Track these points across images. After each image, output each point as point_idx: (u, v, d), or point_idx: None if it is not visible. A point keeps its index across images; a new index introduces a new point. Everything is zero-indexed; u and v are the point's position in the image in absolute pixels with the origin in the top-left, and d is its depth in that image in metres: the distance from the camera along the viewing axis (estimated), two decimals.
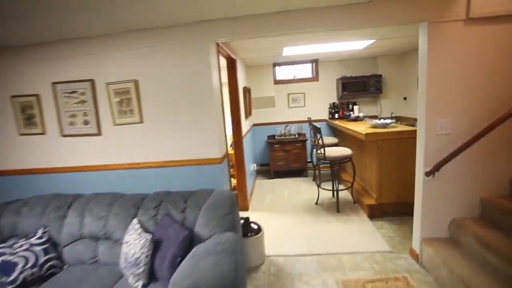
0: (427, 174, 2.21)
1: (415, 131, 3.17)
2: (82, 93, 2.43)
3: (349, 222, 3.36)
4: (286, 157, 5.24)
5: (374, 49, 4.40)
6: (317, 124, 3.81)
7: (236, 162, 3.83)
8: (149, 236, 1.83)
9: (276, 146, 5.21)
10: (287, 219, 3.55)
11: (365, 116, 4.70)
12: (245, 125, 4.34)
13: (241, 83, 4.15)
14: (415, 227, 2.52)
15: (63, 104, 2.47)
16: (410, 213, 3.43)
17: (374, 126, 3.54)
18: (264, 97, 5.40)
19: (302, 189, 4.62)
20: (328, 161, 3.61)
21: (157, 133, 2.46)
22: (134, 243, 1.81)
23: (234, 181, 4.06)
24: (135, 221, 2.06)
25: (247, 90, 4.62)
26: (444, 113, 2.20)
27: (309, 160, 5.46)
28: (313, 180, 5.04)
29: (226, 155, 2.68)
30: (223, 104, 2.68)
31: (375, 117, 5.31)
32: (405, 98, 5.09)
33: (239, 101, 3.72)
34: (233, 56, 3.52)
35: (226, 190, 2.25)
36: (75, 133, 2.52)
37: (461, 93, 2.16)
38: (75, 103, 2.46)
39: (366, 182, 3.79)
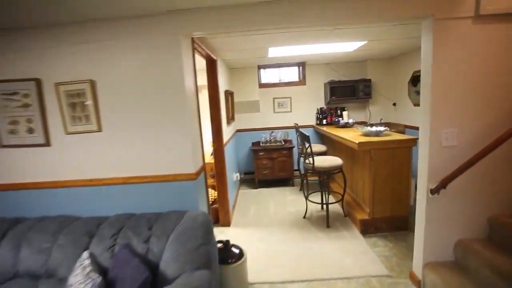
0: (433, 191, 1.94)
1: (411, 140, 2.95)
2: (25, 95, 2.00)
3: (341, 239, 3.06)
4: (272, 165, 4.92)
5: (363, 52, 4.18)
6: (304, 131, 3.52)
7: (217, 173, 3.46)
8: (98, 280, 1.44)
9: (261, 153, 4.88)
10: (273, 237, 3.21)
11: (354, 123, 4.46)
12: (227, 131, 3.99)
13: (223, 86, 3.80)
14: (416, 249, 2.24)
15: (1, 108, 2.03)
16: (405, 228, 3.20)
17: (366, 134, 3.29)
18: (248, 101, 5.07)
19: (289, 201, 4.31)
20: (317, 172, 3.31)
21: (119, 144, 2.06)
22: None
23: (214, 193, 3.68)
24: (85, 254, 1.65)
25: (229, 94, 4.27)
26: (451, 122, 1.94)
27: (295, 168, 5.16)
28: (300, 190, 4.74)
29: (203, 168, 2.32)
30: (199, 110, 2.32)
31: (363, 123, 5.11)
32: (394, 104, 4.91)
33: (220, 106, 3.37)
34: (214, 57, 3.17)
35: (201, 213, 1.88)
36: (17, 143, 2.08)
37: (469, 99, 1.91)
38: (17, 107, 2.02)
39: (357, 194, 3.52)
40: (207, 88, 3.32)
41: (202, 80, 3.68)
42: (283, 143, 5.03)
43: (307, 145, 3.29)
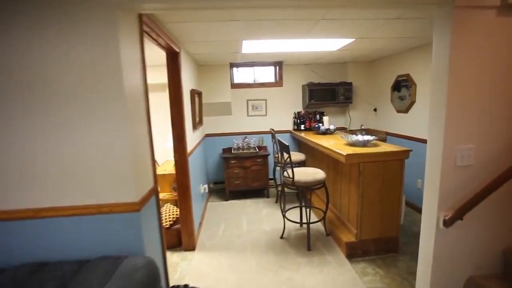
0: (447, 223, 1.55)
1: (404, 152, 2.59)
2: None
3: (324, 265, 2.63)
4: (245, 174, 4.41)
5: (345, 54, 3.83)
6: (281, 137, 3.07)
7: (179, 188, 2.87)
8: None
9: (233, 162, 4.34)
10: (245, 264, 2.70)
11: (336, 129, 4.10)
12: (194, 137, 3.41)
13: (188, 85, 3.22)
14: None
15: None
16: (394, 250, 2.86)
17: (352, 144, 2.90)
18: (219, 103, 4.52)
19: (264, 215, 3.82)
20: (296, 188, 2.86)
21: (26, 159, 1.43)
22: None
23: (176, 211, 3.09)
24: None
25: (196, 94, 3.70)
26: (468, 137, 1.57)
27: (271, 177, 4.70)
28: (276, 202, 4.28)
29: (153, 192, 1.74)
30: (149, 115, 1.75)
31: (343, 129, 4.79)
32: (375, 110, 4.65)
33: (184, 108, 2.79)
34: (176, 48, 2.60)
35: (144, 263, 1.32)
36: None
37: (491, 108, 1.55)
38: None
39: (341, 211, 3.12)
40: (168, 86, 2.73)
41: (161, 77, 3.11)
42: (257, 150, 4.55)
43: (286, 156, 2.83)
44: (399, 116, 3.97)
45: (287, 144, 2.73)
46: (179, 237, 3.02)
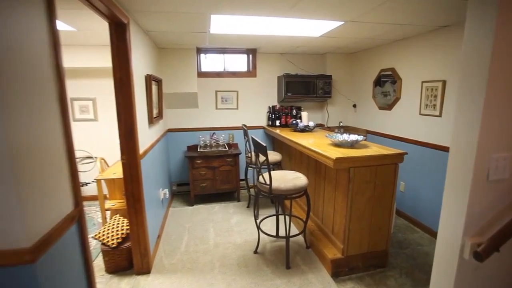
0: (480, 255, 1.18)
1: (398, 155, 2.25)
2: None
3: (307, 287, 2.23)
4: (212, 176, 3.88)
5: (327, 42, 3.44)
6: (254, 135, 2.61)
7: (128, 198, 2.27)
8: None
9: (199, 161, 3.79)
10: None
11: (316, 126, 3.72)
12: (150, 134, 2.80)
13: (142, 68, 2.59)
14: None
15: None
16: (382, 264, 2.55)
17: (338, 144, 2.51)
18: (183, 93, 3.90)
19: (235, 224, 3.33)
20: (274, 197, 2.41)
21: None
22: None
23: (127, 225, 2.49)
24: None
25: (154, 81, 3.06)
26: (504, 143, 1.21)
27: (242, 177, 4.22)
28: (248, 206, 3.82)
29: (70, 223, 1.16)
30: (64, 104, 1.16)
31: (321, 125, 4.44)
32: (354, 106, 4.35)
33: (134, 97, 2.18)
34: (122, 18, 1.98)
35: None
36: None
37: None
38: None
39: (325, 222, 2.74)
40: (112, 69, 2.10)
41: (103, 59, 2.43)
42: (227, 148, 4.03)
43: (263, 159, 2.36)
44: (381, 113, 3.70)
45: (265, 144, 2.25)
46: (130, 258, 2.43)
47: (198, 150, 3.91)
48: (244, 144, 3.72)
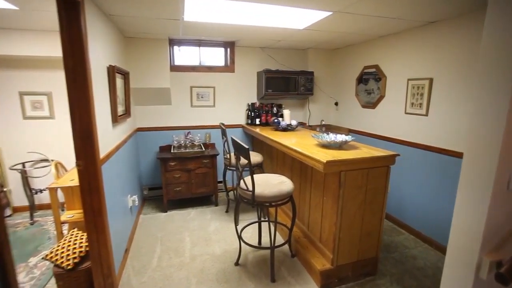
0: (502, 279, 1.02)
1: (390, 157, 2.11)
2: None
3: None
4: (188, 179, 3.56)
5: (310, 36, 3.25)
6: (232, 135, 2.35)
7: (86, 212, 1.92)
8: None
9: (172, 163, 3.45)
10: None
11: (299, 124, 3.53)
12: (114, 135, 2.44)
13: (103, 58, 2.23)
14: None
15: None
16: (372, 272, 2.42)
17: (326, 145, 2.33)
18: (154, 88, 3.53)
19: (213, 232, 3.06)
20: (257, 205, 2.17)
21: None
22: None
23: (84, 242, 2.12)
24: None
25: (119, 74, 2.69)
26: None
27: (220, 179, 3.95)
28: (227, 211, 3.55)
29: None
30: None
31: (302, 124, 4.27)
32: (336, 104, 4.23)
33: (92, 92, 1.83)
34: None
35: None
36: None
37: None
38: None
39: (311, 228, 2.55)
40: (63, 57, 1.73)
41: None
42: (203, 148, 3.73)
43: (244, 162, 2.11)
44: (365, 111, 3.59)
45: (247, 146, 2.00)
46: (90, 279, 2.08)
47: (172, 151, 3.57)
48: (222, 144, 3.44)
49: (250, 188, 2.12)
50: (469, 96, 2.33)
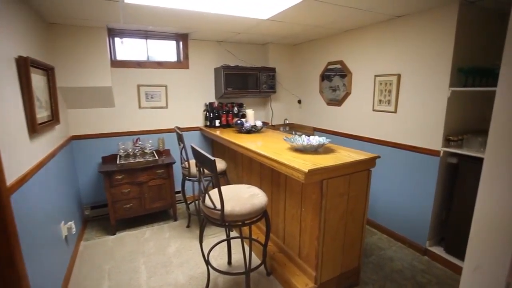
0: None
1: (371, 160, 1.94)
2: None
3: None
4: (140, 193, 3.05)
5: (272, 28, 2.99)
6: (190, 138, 1.97)
7: None
8: None
9: (119, 177, 2.91)
10: None
11: (264, 125, 3.25)
12: (34, 149, 1.86)
13: (7, 48, 1.65)
14: None
15: None
16: (355, 283, 2.25)
17: (301, 150, 2.08)
18: (91, 88, 2.93)
19: (173, 255, 2.62)
20: (228, 225, 1.83)
21: None
22: None
23: None
24: None
25: (37, 68, 2.10)
26: None
27: (177, 190, 3.50)
28: (188, 226, 3.13)
29: None
30: None
31: (265, 124, 4.02)
32: (299, 101, 4.06)
33: None
34: None
35: None
36: None
37: None
38: None
39: (288, 243, 2.29)
40: None
41: None
42: (156, 156, 3.23)
43: (207, 175, 1.74)
44: (330, 109, 3.46)
45: (213, 158, 1.64)
46: None
47: (118, 161, 3.02)
48: (179, 150, 3.01)
49: (218, 205, 1.76)
50: (437, 92, 2.28)
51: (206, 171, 1.80)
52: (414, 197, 2.57)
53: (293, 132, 3.95)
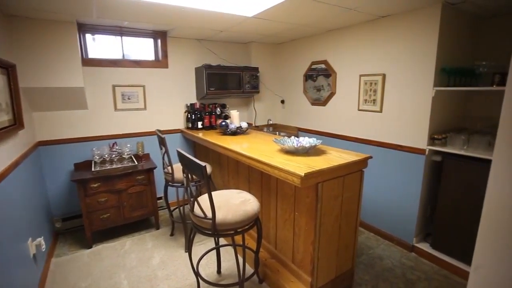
0: None
1: (363, 160, 1.92)
2: None
3: None
4: (118, 202, 2.84)
5: (257, 26, 2.91)
6: (171, 141, 1.83)
7: None
8: None
9: (95, 185, 2.68)
10: None
11: (249, 127, 3.15)
12: None
13: None
14: None
15: None
16: (349, 285, 2.22)
17: (292, 152, 2.02)
18: (60, 88, 2.67)
19: (158, 266, 2.45)
20: (221, 234, 1.72)
21: None
22: None
23: None
24: None
25: None
26: None
27: (159, 196, 3.32)
28: (172, 235, 2.96)
29: None
30: None
31: (249, 125, 3.92)
32: (282, 101, 4.01)
33: None
34: None
35: None
36: None
37: None
38: None
39: (280, 248, 2.22)
40: None
41: None
42: (135, 161, 3.03)
43: (194, 184, 1.63)
44: (314, 109, 3.44)
45: (203, 164, 1.52)
46: None
47: (93, 168, 2.78)
48: (160, 155, 2.83)
49: (208, 214, 1.65)
50: (421, 92, 2.32)
51: (209, 192, 1.68)
52: (400, 195, 2.60)
53: (277, 132, 3.90)
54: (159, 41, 3.32)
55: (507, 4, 2.06)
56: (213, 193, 1.89)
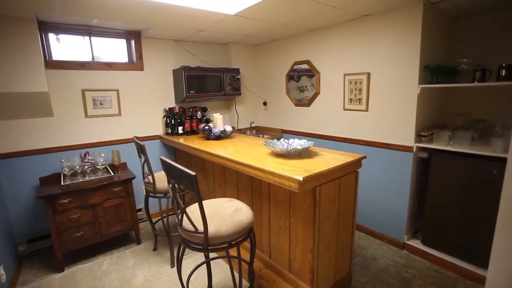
0: None
1: (358, 161, 1.86)
2: None
3: None
4: (93, 218, 2.58)
5: (236, 26, 2.80)
6: (149, 148, 1.67)
7: None
8: None
9: (65, 200, 2.41)
10: None
11: (233, 130, 3.02)
12: None
13: None
14: None
15: None
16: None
17: (284, 155, 1.92)
18: (21, 93, 2.38)
19: (141, 287, 2.24)
20: (214, 249, 1.57)
21: None
22: None
23: None
24: None
25: None
26: None
27: (139, 207, 3.08)
28: (155, 249, 2.75)
29: None
30: None
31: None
32: (265, 103, 3.92)
33: None
34: None
35: None
36: None
37: None
38: None
39: (275, 256, 2.10)
40: None
41: None
42: (111, 172, 2.79)
43: (181, 192, 1.47)
44: (298, 110, 3.39)
45: (193, 173, 1.38)
46: None
47: (63, 182, 2.51)
48: (139, 163, 2.61)
49: (200, 227, 1.50)
50: (407, 89, 2.33)
51: (200, 204, 1.52)
52: (390, 193, 2.60)
53: (261, 135, 3.80)
54: (132, 42, 3.10)
55: (480, 5, 2.13)
56: (209, 206, 1.75)
